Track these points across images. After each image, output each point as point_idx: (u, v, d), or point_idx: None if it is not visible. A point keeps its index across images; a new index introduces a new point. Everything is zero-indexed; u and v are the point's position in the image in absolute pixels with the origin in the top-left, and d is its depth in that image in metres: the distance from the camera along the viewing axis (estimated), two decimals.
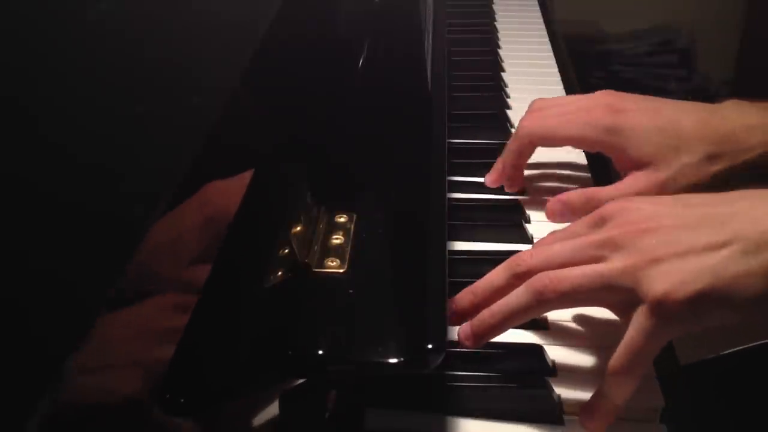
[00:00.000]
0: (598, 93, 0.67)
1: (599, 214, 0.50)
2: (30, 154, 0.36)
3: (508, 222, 0.67)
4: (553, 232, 0.54)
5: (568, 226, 0.53)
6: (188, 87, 0.44)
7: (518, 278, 0.50)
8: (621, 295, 0.47)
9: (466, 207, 0.69)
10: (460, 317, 0.52)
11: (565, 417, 0.50)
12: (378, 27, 0.75)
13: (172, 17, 0.50)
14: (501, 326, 0.50)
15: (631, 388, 0.47)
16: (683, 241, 0.46)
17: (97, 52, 0.43)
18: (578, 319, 0.57)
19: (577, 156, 0.74)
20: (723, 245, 0.45)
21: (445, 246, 0.53)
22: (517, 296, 0.49)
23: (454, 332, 0.52)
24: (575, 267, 0.48)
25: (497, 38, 1.03)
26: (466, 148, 0.78)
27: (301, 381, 0.44)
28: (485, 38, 1.03)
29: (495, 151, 0.77)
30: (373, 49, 0.71)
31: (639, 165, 0.63)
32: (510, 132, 0.80)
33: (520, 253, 0.51)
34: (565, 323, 0.57)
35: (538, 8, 1.13)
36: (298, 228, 0.48)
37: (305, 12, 0.67)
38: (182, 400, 0.38)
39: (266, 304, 0.45)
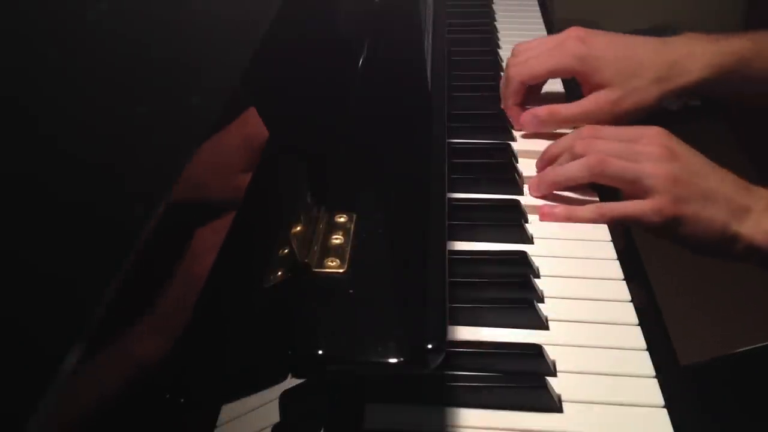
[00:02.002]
0: (569, 29, 0.77)
1: (641, 133, 0.66)
2: (30, 154, 0.36)
3: (508, 222, 0.67)
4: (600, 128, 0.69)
5: (617, 129, 0.68)
6: (188, 87, 0.44)
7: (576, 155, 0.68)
8: (640, 190, 0.64)
9: (466, 207, 0.69)
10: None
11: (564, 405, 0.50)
12: (378, 27, 0.75)
13: (172, 17, 0.50)
14: (559, 184, 0.69)
15: (590, 217, 0.66)
16: (698, 182, 0.63)
17: (97, 52, 0.43)
18: (578, 319, 0.57)
19: None
20: (715, 197, 0.62)
21: (445, 246, 0.53)
22: (576, 166, 0.67)
23: (454, 332, 0.52)
24: (621, 159, 0.65)
25: (497, 38, 1.03)
26: (466, 148, 0.78)
27: (301, 381, 0.44)
28: (485, 38, 1.03)
29: (495, 151, 0.77)
30: (373, 49, 0.71)
31: (600, 87, 0.75)
32: (510, 132, 0.80)
33: (583, 142, 0.68)
34: (565, 323, 0.57)
35: (538, 8, 1.13)
36: (298, 228, 0.48)
37: (305, 12, 0.67)
38: (182, 400, 0.38)
39: (266, 304, 0.45)
